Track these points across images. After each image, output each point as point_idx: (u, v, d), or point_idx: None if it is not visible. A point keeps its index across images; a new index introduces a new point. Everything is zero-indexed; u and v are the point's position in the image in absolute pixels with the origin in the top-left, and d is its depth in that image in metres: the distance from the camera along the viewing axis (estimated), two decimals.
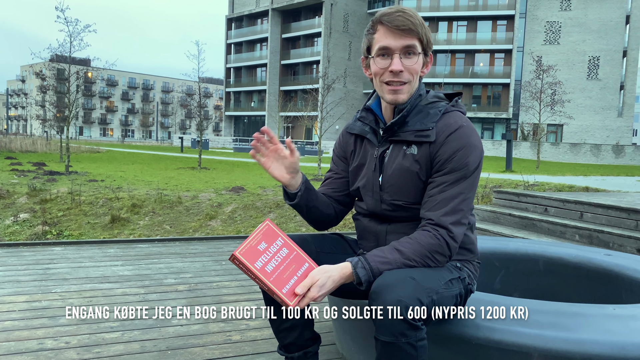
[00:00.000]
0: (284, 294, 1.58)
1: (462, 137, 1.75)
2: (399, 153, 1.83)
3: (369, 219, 1.96)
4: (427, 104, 1.83)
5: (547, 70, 25.68)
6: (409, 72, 1.76)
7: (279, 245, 1.67)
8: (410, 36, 1.73)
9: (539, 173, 17.67)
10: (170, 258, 4.71)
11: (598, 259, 2.94)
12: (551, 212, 6.50)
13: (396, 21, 1.71)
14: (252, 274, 1.59)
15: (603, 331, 1.80)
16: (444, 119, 1.80)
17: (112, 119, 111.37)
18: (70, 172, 15.38)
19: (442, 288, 1.67)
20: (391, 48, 1.73)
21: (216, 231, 8.95)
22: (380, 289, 1.54)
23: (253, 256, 1.60)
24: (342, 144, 2.04)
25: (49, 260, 4.42)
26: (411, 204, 1.83)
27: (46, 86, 20.92)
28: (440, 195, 1.73)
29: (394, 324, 1.49)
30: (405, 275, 1.57)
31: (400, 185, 1.82)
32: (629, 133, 44.85)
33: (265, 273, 1.59)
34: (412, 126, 1.81)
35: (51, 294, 3.49)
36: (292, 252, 1.67)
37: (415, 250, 1.67)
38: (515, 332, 1.80)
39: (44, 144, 32.05)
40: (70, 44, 17.27)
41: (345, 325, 2.39)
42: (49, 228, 8.96)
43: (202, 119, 21.57)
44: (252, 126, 65.41)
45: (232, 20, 67.56)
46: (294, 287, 1.61)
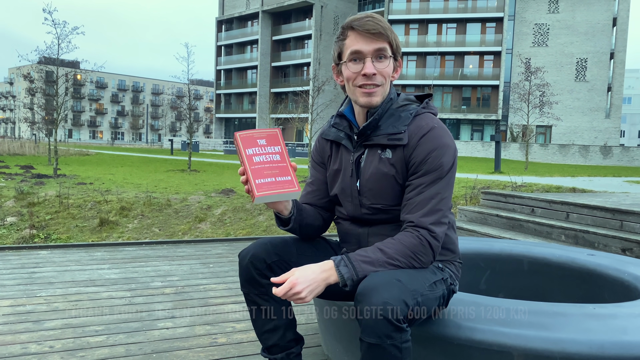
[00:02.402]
0: (255, 185, 1.66)
1: (435, 138, 1.77)
2: (374, 157, 1.85)
3: (350, 223, 1.97)
4: (399, 107, 1.85)
5: (536, 72, 25.84)
6: (381, 75, 1.78)
7: (275, 150, 1.74)
8: (381, 40, 1.75)
9: (528, 174, 17.77)
10: (158, 261, 4.70)
11: (581, 259, 2.97)
12: (538, 212, 6.54)
13: (366, 25, 1.74)
14: (241, 156, 1.69)
15: (582, 330, 1.82)
16: (415, 122, 1.82)
17: (102, 121, 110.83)
18: (58, 175, 15.29)
19: (427, 290, 1.68)
20: (363, 52, 1.76)
21: (205, 234, 8.94)
22: (366, 291, 1.54)
23: (249, 143, 1.71)
24: (319, 149, 2.05)
25: (34, 264, 4.39)
26: (390, 206, 1.84)
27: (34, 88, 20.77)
28: (418, 197, 1.75)
29: (379, 325, 1.50)
30: (391, 277, 1.58)
31: (377, 189, 1.84)
32: (617, 134, 45.23)
33: (250, 160, 1.69)
34: (385, 130, 1.82)
35: (36, 297, 3.47)
36: (282, 162, 1.73)
37: (398, 250, 1.68)
38: (496, 332, 1.81)
39: (32, 147, 31.84)
40: (59, 46, 17.19)
41: (330, 326, 2.40)
42: (37, 232, 8.90)
43: (192, 121, 21.52)
44: (243, 128, 65.25)
45: (222, 22, 67.46)
46: (267, 185, 1.67)
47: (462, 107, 48.87)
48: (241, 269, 1.88)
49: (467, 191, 10.79)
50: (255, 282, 1.86)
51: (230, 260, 4.81)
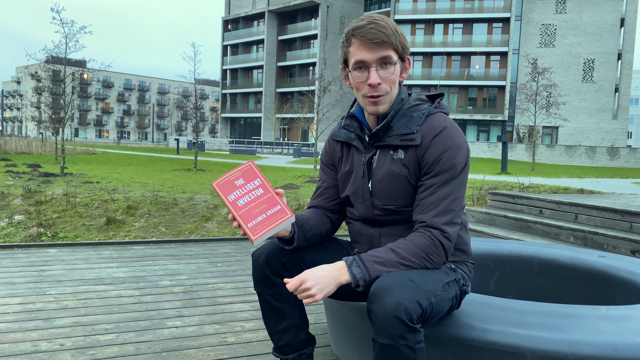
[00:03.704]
0: (249, 228, 1.66)
1: (447, 138, 1.76)
2: (386, 158, 1.84)
3: (361, 223, 1.97)
4: (410, 108, 1.84)
5: (543, 73, 25.75)
6: (386, 83, 1.76)
7: (255, 184, 1.73)
8: (384, 48, 1.72)
9: (534, 175, 17.72)
10: (166, 260, 4.71)
11: (592, 260, 2.96)
12: (546, 213, 6.51)
13: (369, 34, 1.71)
14: (226, 204, 1.69)
15: (596, 332, 1.81)
16: (427, 122, 1.81)
17: (108, 120, 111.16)
18: (65, 173, 15.33)
19: (440, 291, 1.68)
20: (367, 61, 1.74)
21: (212, 233, 8.94)
22: (379, 291, 1.54)
23: (228, 189, 1.71)
24: (329, 151, 2.04)
25: (43, 262, 4.41)
26: (403, 207, 1.83)
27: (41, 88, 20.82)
28: (431, 197, 1.74)
29: (393, 326, 1.49)
30: (404, 278, 1.58)
31: (390, 190, 1.83)
32: (624, 135, 45.02)
33: (235, 206, 1.69)
34: (397, 130, 1.81)
35: (45, 295, 3.48)
36: (267, 194, 1.72)
37: (410, 250, 1.67)
38: (508, 334, 1.80)
39: (39, 146, 31.94)
40: (66, 46, 17.22)
41: (340, 326, 2.40)
42: (44, 230, 8.93)
43: (198, 121, 21.54)
44: (249, 128, 65.38)
45: (229, 22, 67.54)
46: (260, 224, 1.66)
47: (469, 108, 48.77)
48: (255, 269, 1.88)
49: (474, 192, 10.76)
50: (269, 282, 1.86)
51: (237, 260, 4.81)
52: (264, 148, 46.16)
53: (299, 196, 10.70)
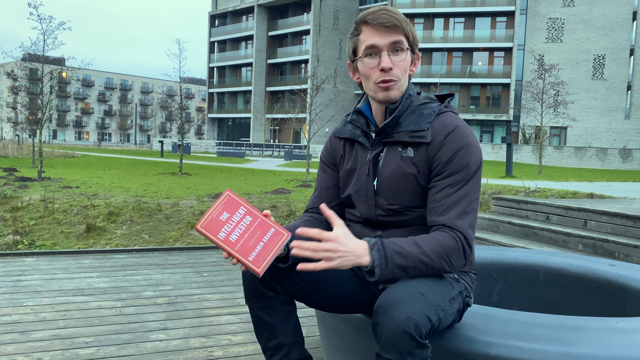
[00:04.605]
0: (251, 262, 1.61)
1: (460, 137, 1.78)
2: (394, 156, 1.84)
3: (362, 225, 1.97)
4: (420, 105, 1.86)
5: (550, 70, 25.87)
6: (398, 69, 1.79)
7: (241, 214, 1.69)
8: (396, 32, 1.77)
9: (541, 179, 17.78)
10: (149, 269, 4.70)
11: (602, 269, 2.97)
12: (553, 220, 6.54)
13: (381, 18, 1.76)
14: (218, 245, 1.63)
15: (605, 345, 1.81)
16: (438, 120, 1.83)
17: (88, 121, 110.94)
18: (43, 178, 15.28)
19: (447, 305, 1.69)
20: (379, 46, 1.77)
21: (198, 241, 8.93)
22: (388, 304, 1.54)
23: (215, 227, 1.65)
24: (330, 149, 2.05)
25: (20, 272, 4.40)
26: (408, 208, 1.84)
27: (18, 87, 20.79)
28: (448, 199, 1.74)
29: (401, 341, 1.49)
30: (414, 291, 1.57)
31: (397, 189, 1.84)
32: (637, 136, 45.18)
33: (229, 243, 1.63)
34: (406, 127, 1.83)
35: (22, 307, 3.47)
36: (256, 219, 1.68)
37: (433, 247, 1.66)
38: (512, 347, 1.81)
39: (15, 149, 31.84)
40: (44, 42, 17.19)
41: (333, 339, 2.40)
42: (20, 237, 8.90)
43: (183, 122, 21.52)
44: (237, 129, 65.36)
45: (216, 17, 67.60)
46: (260, 253, 1.63)
47: (471, 107, 48.91)
48: (246, 280, 1.86)
49: None
50: (260, 295, 1.85)
51: (225, 269, 4.81)
52: (254, 150, 46.15)
53: (290, 201, 10.71)
